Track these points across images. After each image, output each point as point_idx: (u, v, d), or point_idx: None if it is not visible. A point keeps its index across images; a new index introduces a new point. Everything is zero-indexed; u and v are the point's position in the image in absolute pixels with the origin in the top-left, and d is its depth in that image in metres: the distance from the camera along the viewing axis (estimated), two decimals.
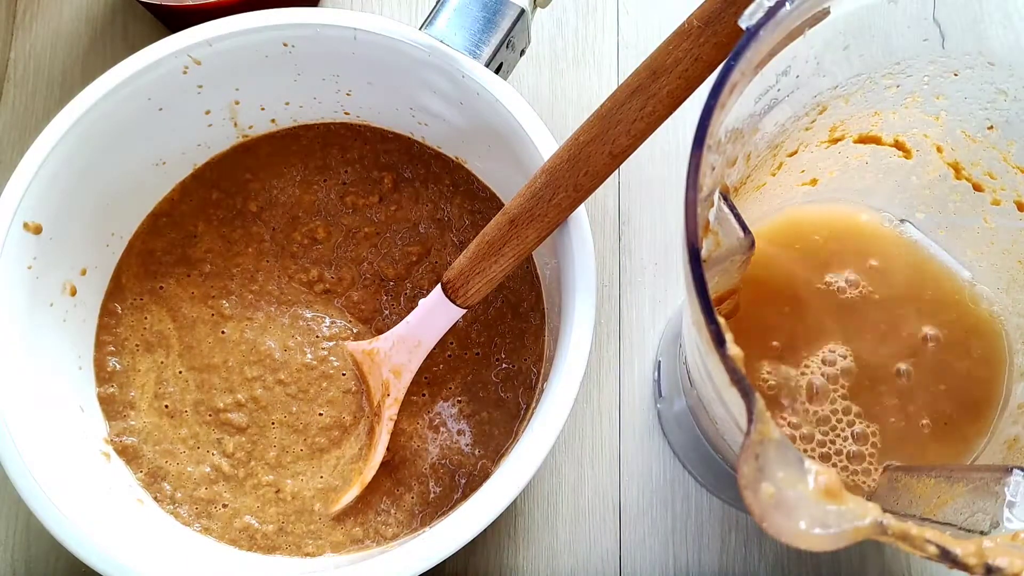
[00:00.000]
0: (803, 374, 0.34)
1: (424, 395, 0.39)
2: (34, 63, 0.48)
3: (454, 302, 0.36)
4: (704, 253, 0.25)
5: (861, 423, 0.34)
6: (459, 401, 0.39)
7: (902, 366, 0.35)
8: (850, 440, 0.34)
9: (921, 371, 0.35)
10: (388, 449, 0.38)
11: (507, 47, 0.38)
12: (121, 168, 0.38)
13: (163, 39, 0.36)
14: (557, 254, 0.36)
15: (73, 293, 0.38)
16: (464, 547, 0.31)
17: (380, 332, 0.39)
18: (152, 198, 0.41)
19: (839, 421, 0.34)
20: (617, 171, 0.43)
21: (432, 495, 0.37)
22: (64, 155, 0.35)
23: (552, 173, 0.32)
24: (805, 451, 0.34)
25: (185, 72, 0.37)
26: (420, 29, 0.37)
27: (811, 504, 0.19)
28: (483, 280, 0.35)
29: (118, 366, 0.39)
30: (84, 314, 0.38)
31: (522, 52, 0.40)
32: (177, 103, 0.38)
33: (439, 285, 0.36)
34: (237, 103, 0.40)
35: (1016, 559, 0.20)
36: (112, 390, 0.38)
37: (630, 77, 0.30)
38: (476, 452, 0.38)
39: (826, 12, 0.25)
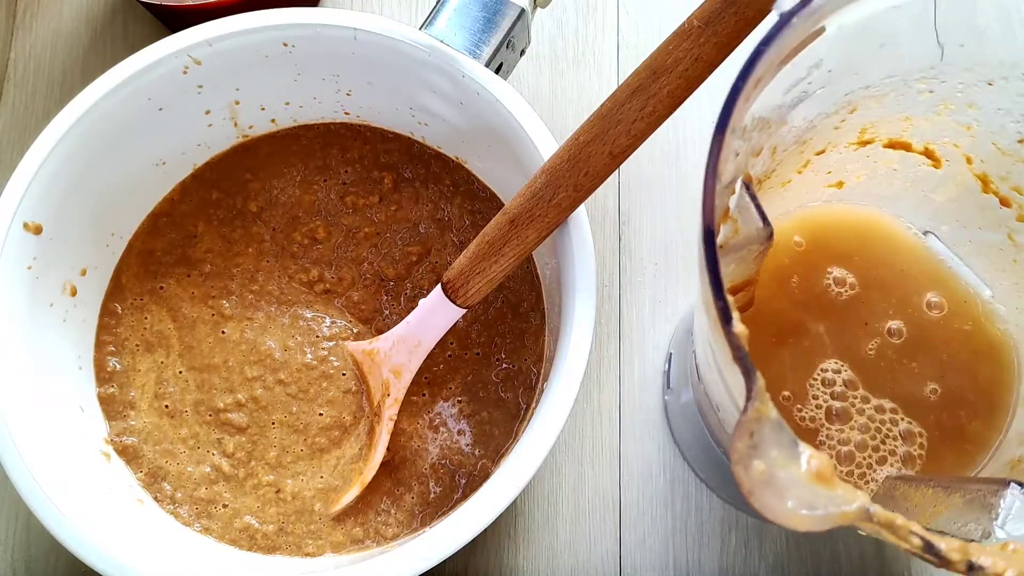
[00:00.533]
0: (820, 391, 0.34)
1: (424, 395, 0.39)
2: (34, 63, 0.48)
3: (454, 302, 0.36)
4: (721, 239, 0.25)
5: (905, 421, 0.34)
6: (459, 401, 0.39)
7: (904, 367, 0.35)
8: (900, 441, 0.34)
9: (927, 383, 0.35)
10: (388, 449, 0.38)
11: (507, 47, 0.38)
12: (121, 168, 0.38)
13: (163, 39, 0.37)
14: (557, 254, 0.36)
15: (73, 293, 0.38)
16: (464, 547, 0.31)
17: (380, 332, 0.39)
18: (152, 198, 0.41)
19: (883, 423, 0.34)
20: (617, 171, 0.43)
21: (432, 495, 0.37)
22: (64, 155, 0.35)
23: (552, 173, 0.32)
24: (863, 460, 0.34)
25: (185, 72, 0.37)
26: (420, 29, 0.37)
27: (801, 485, 0.19)
28: (483, 280, 0.35)
29: (118, 366, 0.39)
30: (84, 314, 0.38)
31: (522, 52, 0.40)
32: (177, 103, 0.38)
33: (439, 285, 0.36)
34: (237, 103, 0.40)
35: (999, 560, 0.20)
36: (112, 390, 0.38)
37: (630, 77, 0.30)
38: (476, 452, 0.38)
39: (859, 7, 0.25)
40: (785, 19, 0.23)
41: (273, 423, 0.38)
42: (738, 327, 0.21)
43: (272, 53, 0.38)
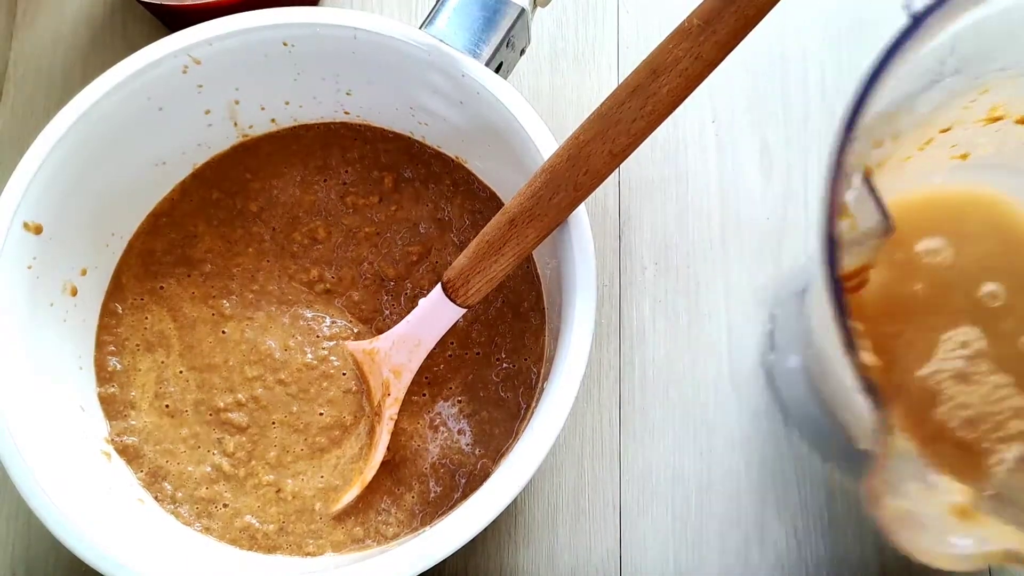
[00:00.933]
0: (943, 360, 0.33)
1: (424, 395, 0.39)
2: (34, 63, 0.48)
3: (454, 301, 0.36)
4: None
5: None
6: (459, 401, 0.39)
7: None
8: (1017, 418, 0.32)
9: None
10: (388, 448, 0.38)
11: (507, 47, 0.38)
12: (121, 168, 0.38)
13: (163, 38, 0.37)
14: (557, 254, 0.36)
15: (74, 293, 0.38)
16: (464, 546, 0.31)
17: (380, 332, 0.39)
18: (152, 198, 0.41)
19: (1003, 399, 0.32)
20: (617, 171, 0.43)
21: (432, 494, 0.37)
22: (64, 155, 0.35)
23: (552, 172, 0.32)
24: (977, 434, 0.32)
25: (185, 72, 0.37)
26: (420, 28, 0.37)
27: (941, 523, 0.18)
28: (483, 280, 0.35)
29: (119, 366, 0.39)
30: (84, 314, 0.38)
31: (522, 52, 0.40)
32: (177, 103, 0.38)
33: (439, 285, 0.36)
34: (237, 103, 0.40)
35: None
36: (113, 390, 0.38)
37: (630, 76, 0.30)
38: (476, 452, 0.38)
39: None
40: (918, 20, 0.21)
41: (273, 423, 0.38)
42: (866, 357, 0.20)
43: (272, 53, 0.38)
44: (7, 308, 0.34)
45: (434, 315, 0.37)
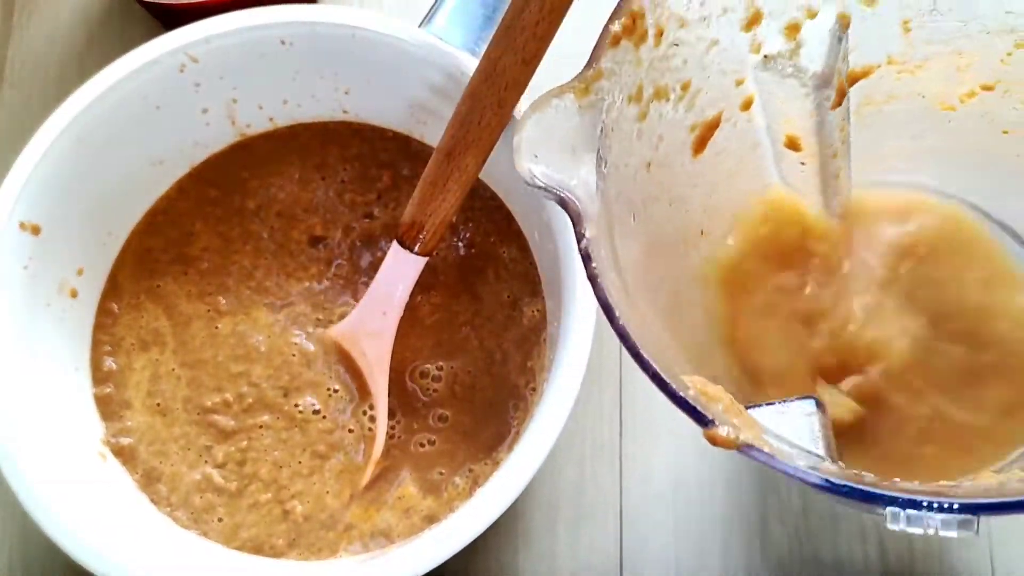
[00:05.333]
0: None
1: (425, 396, 0.39)
2: (31, 62, 0.48)
3: (413, 251, 0.36)
4: None
5: None
6: (460, 401, 0.39)
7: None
8: None
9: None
10: (389, 448, 0.38)
11: None
12: (118, 167, 0.38)
13: (160, 37, 0.36)
14: (556, 254, 0.35)
15: (72, 294, 0.38)
16: (464, 548, 0.31)
17: None
18: (149, 197, 0.41)
19: None
20: None
21: (433, 495, 0.37)
22: (60, 154, 0.35)
23: (474, 97, 0.33)
24: None
25: (182, 70, 0.37)
26: (419, 27, 0.37)
27: None
28: (436, 222, 0.35)
29: (114, 366, 0.39)
30: (80, 314, 0.38)
31: None
32: (174, 101, 0.38)
33: (395, 241, 0.36)
34: (235, 101, 0.40)
35: None
36: (108, 390, 0.38)
37: None
38: (476, 452, 0.38)
39: None
40: None
41: (260, 426, 0.38)
42: None
43: (270, 51, 0.38)
44: (3, 308, 0.34)
45: (397, 271, 0.37)
